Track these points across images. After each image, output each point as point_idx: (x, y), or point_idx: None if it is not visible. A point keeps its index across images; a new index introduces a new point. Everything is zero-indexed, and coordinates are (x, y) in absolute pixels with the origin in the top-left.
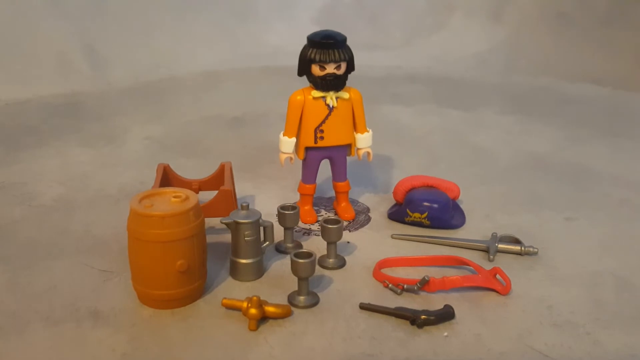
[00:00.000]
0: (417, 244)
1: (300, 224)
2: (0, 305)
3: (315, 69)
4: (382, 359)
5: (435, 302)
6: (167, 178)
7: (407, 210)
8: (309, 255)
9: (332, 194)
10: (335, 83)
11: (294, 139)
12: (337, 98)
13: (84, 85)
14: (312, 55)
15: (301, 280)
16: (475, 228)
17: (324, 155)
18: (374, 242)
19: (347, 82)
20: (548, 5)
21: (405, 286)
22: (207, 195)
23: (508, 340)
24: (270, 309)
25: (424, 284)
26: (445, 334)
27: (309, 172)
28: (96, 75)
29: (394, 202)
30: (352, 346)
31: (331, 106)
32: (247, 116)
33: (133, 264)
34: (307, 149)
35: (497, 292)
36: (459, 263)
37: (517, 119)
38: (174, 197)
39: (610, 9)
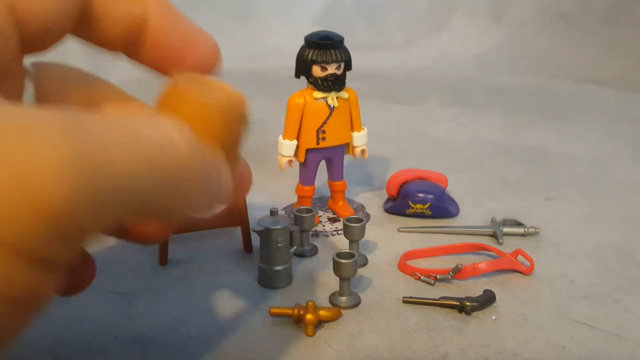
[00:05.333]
0: (425, 235)
1: None
2: (32, 342)
3: (317, 70)
4: (447, 348)
5: (468, 288)
6: None
7: (409, 202)
8: (350, 255)
9: (322, 194)
10: (336, 83)
11: (295, 142)
12: (337, 98)
13: None
14: (314, 57)
15: (343, 280)
16: (469, 215)
17: (323, 155)
18: (384, 237)
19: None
20: (549, 6)
21: (437, 276)
22: None
23: (552, 316)
24: (323, 313)
25: (456, 272)
26: (494, 317)
27: (308, 174)
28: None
29: (384, 197)
30: (413, 340)
31: (332, 106)
32: None
33: None
34: (308, 150)
35: (521, 272)
36: (479, 249)
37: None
38: None
39: (610, 9)
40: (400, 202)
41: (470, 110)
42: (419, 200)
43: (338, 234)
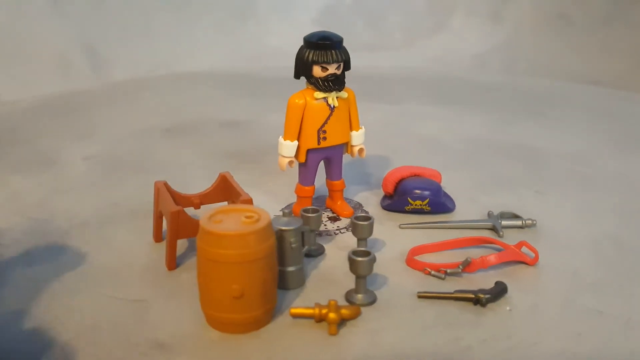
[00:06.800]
0: (426, 231)
1: None
2: (48, 356)
3: (317, 70)
4: (469, 341)
5: (477, 281)
6: (165, 196)
7: (409, 199)
8: (367, 253)
9: (318, 193)
10: (336, 83)
11: (295, 142)
12: (337, 98)
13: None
14: (314, 57)
15: (360, 278)
16: (466, 210)
17: (323, 155)
18: (386, 234)
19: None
20: (548, 6)
21: (448, 270)
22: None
23: (562, 305)
24: (345, 312)
25: (466, 266)
26: (508, 308)
27: (309, 174)
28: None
29: (380, 195)
30: (434, 334)
31: (332, 106)
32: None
33: (199, 282)
34: (308, 150)
35: (526, 263)
36: (484, 242)
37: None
38: (247, 216)
39: (609, 10)
40: (399, 199)
41: (468, 109)
42: (417, 196)
43: (341, 232)
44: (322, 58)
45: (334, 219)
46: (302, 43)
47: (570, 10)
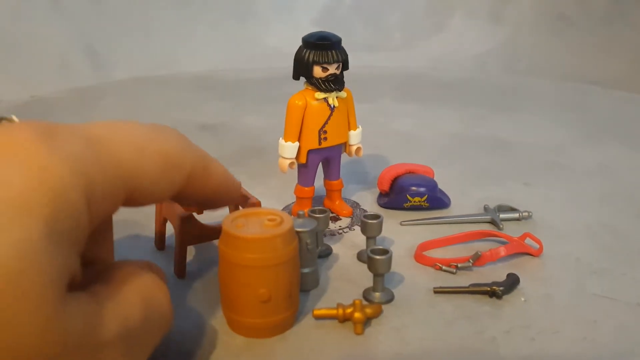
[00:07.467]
0: (427, 227)
1: None
2: None
3: (318, 71)
4: (492, 333)
5: (488, 274)
6: (168, 203)
7: (407, 196)
8: (384, 251)
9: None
10: (336, 83)
11: (296, 144)
12: (336, 97)
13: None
14: (315, 57)
15: (378, 276)
16: (460, 204)
17: (323, 156)
18: (389, 232)
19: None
20: (548, 6)
21: (458, 265)
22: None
23: (573, 293)
24: (368, 310)
25: (476, 259)
26: (523, 299)
27: (309, 175)
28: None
29: (375, 193)
30: (457, 328)
31: (333, 106)
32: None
33: (221, 288)
34: (309, 151)
35: (531, 255)
36: (488, 236)
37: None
38: (269, 219)
39: (609, 10)
40: (397, 197)
41: (465, 108)
42: (415, 193)
43: (344, 232)
44: (322, 58)
45: (334, 219)
46: (301, 44)
47: (570, 10)
